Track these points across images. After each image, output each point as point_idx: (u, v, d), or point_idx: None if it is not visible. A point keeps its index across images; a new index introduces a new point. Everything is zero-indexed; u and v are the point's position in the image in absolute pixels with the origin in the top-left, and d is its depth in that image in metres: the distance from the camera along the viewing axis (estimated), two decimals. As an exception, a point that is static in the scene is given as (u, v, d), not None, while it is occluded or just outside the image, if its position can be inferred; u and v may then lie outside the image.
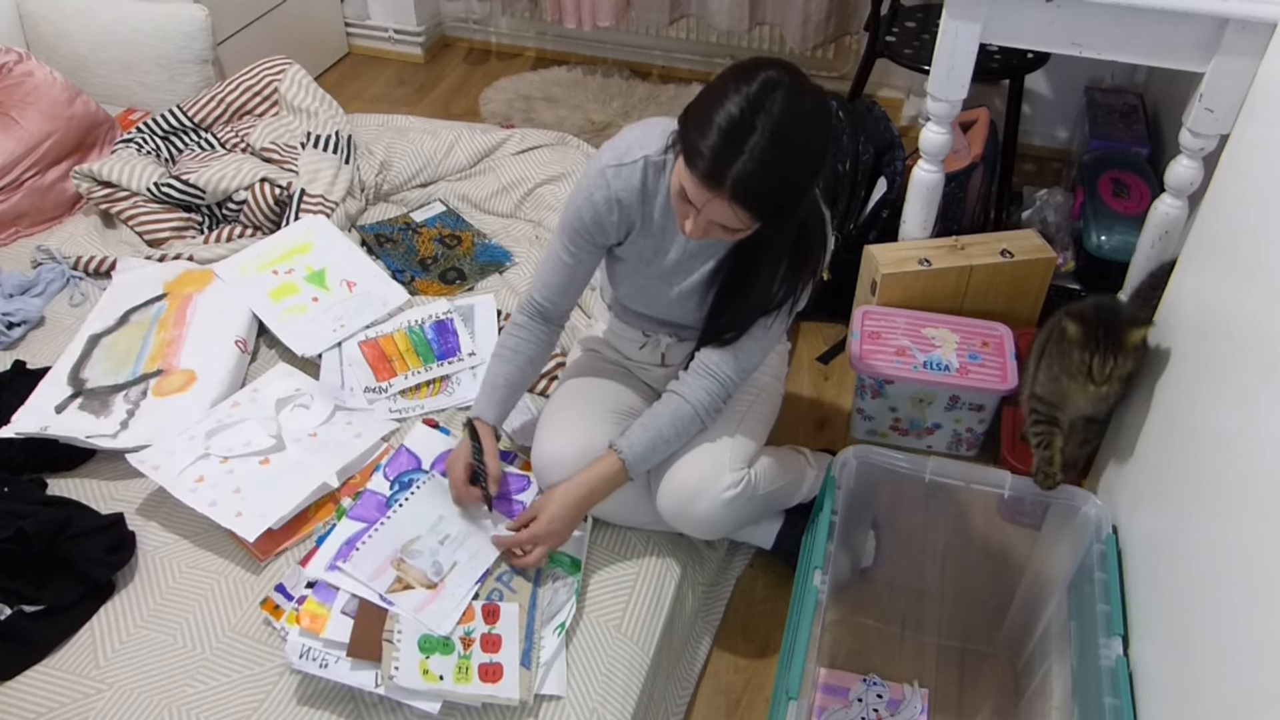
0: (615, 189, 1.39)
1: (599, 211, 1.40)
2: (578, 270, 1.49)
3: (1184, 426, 1.30)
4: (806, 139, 1.18)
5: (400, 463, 1.60)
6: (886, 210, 2.19)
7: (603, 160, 1.39)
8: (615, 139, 1.42)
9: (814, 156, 1.20)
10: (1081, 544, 1.47)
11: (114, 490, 1.62)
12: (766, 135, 1.14)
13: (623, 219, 1.42)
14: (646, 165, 1.38)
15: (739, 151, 1.14)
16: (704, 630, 1.69)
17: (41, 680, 1.37)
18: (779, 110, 1.14)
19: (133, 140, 2.29)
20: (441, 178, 2.36)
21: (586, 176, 1.41)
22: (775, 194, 1.18)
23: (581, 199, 1.41)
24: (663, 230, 1.43)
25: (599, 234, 1.43)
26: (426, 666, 1.32)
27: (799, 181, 1.20)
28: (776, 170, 1.16)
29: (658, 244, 1.44)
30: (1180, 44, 1.62)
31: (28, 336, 1.93)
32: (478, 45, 3.57)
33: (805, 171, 1.20)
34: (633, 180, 1.38)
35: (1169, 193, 1.82)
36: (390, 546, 1.44)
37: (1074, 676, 1.38)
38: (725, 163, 1.15)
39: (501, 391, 1.53)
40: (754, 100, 1.14)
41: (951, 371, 1.84)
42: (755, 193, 1.17)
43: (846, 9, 2.90)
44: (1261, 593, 0.96)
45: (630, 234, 1.44)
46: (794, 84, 1.16)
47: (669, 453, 1.47)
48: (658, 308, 1.54)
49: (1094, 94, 2.68)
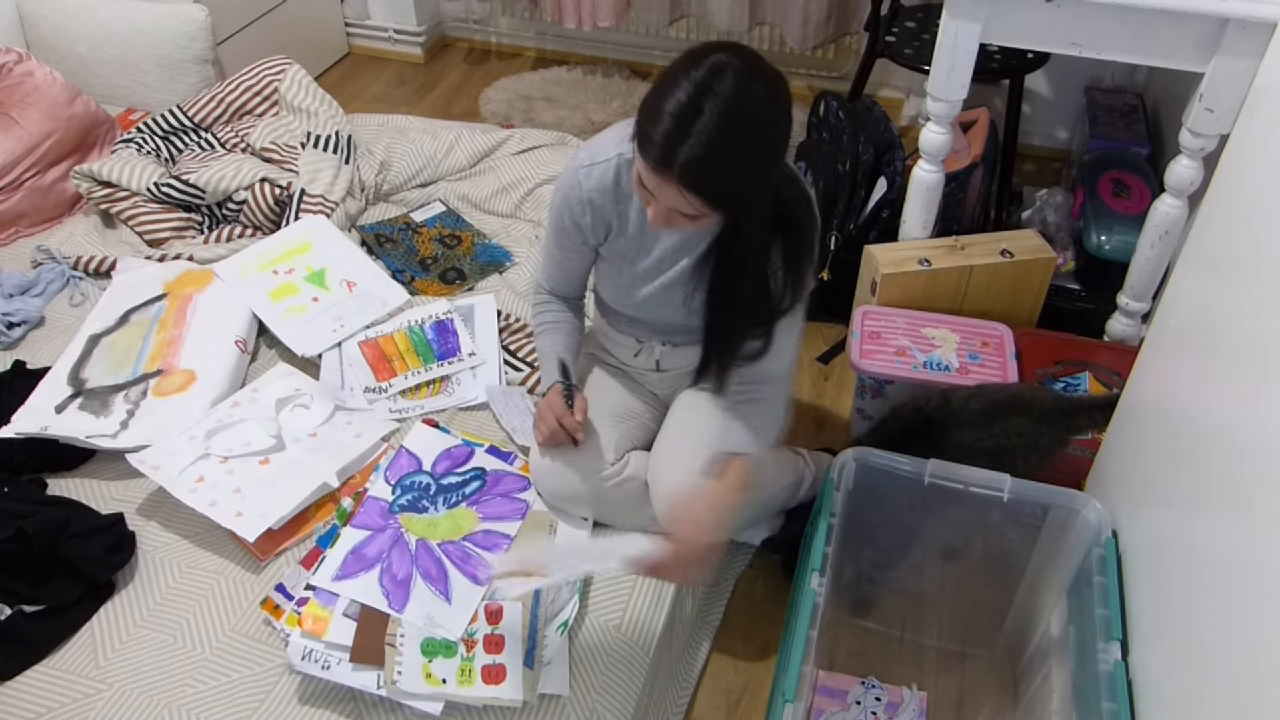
0: (587, 189, 1.38)
1: (574, 212, 1.40)
2: (570, 265, 1.50)
3: (1184, 429, 1.30)
4: (756, 123, 1.14)
5: (401, 465, 1.60)
6: (886, 210, 2.19)
7: (577, 160, 1.39)
8: (594, 138, 1.42)
9: (766, 140, 1.17)
10: (1081, 548, 1.46)
11: (114, 490, 1.62)
12: (714, 119, 1.10)
13: (598, 219, 1.41)
14: (620, 163, 1.36)
15: (685, 135, 1.11)
16: (704, 631, 1.69)
17: (41, 680, 1.37)
18: (727, 93, 1.11)
19: (133, 140, 2.29)
20: (441, 178, 2.36)
21: (563, 178, 1.41)
22: (724, 178, 1.15)
23: (559, 201, 1.41)
24: (641, 230, 1.41)
25: (579, 235, 1.44)
26: (429, 670, 1.32)
27: (750, 165, 1.16)
28: (725, 154, 1.13)
29: (639, 244, 1.43)
30: (1180, 44, 1.62)
31: (28, 336, 1.93)
32: (478, 45, 3.57)
33: (757, 155, 1.16)
34: (605, 179, 1.37)
35: (1169, 193, 1.82)
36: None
37: (1073, 681, 1.38)
38: (672, 147, 1.12)
39: (563, 355, 1.53)
40: (701, 84, 1.11)
41: (951, 371, 1.84)
42: (704, 177, 1.13)
43: (846, 9, 2.90)
44: (1262, 597, 0.96)
45: (609, 234, 1.44)
46: (744, 67, 1.13)
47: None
48: (645, 309, 1.52)
49: (1094, 94, 2.68)
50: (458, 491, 1.58)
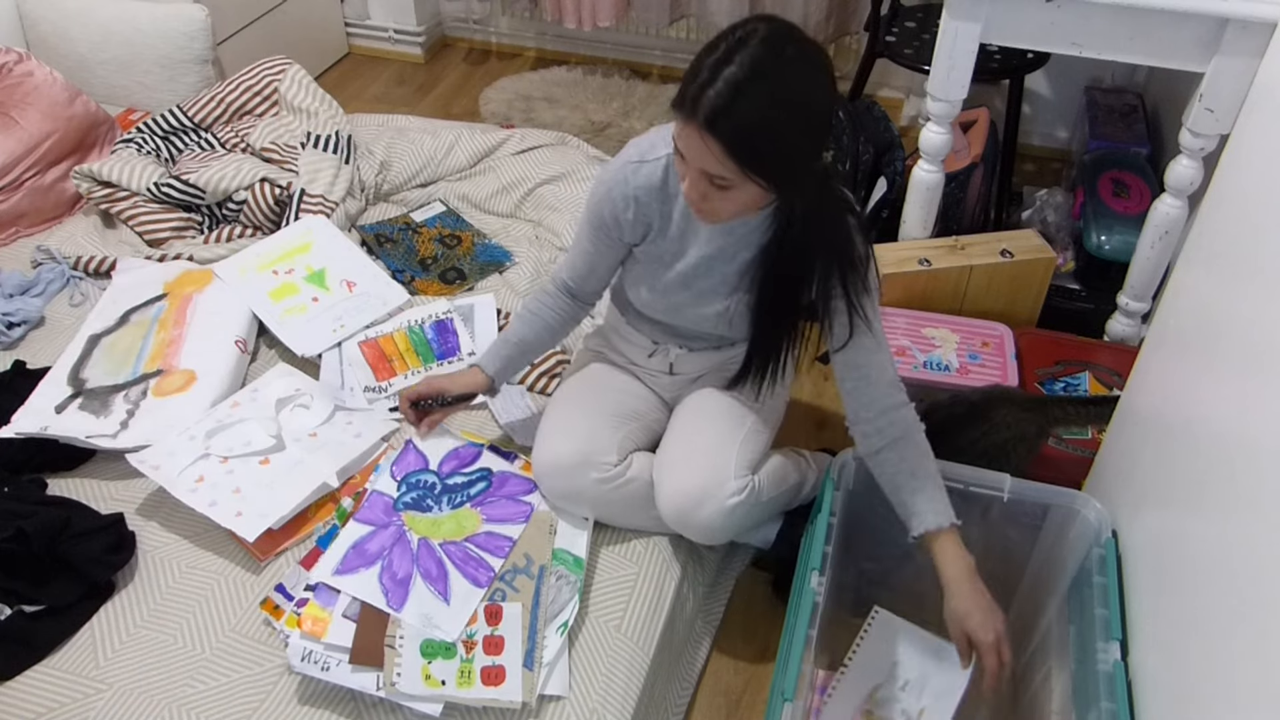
0: (634, 186, 1.38)
1: (616, 208, 1.40)
2: (598, 261, 1.50)
3: (1184, 429, 1.30)
4: (786, 79, 1.14)
5: (408, 462, 1.60)
6: (886, 210, 2.19)
7: (626, 155, 1.39)
8: (643, 136, 1.42)
9: (797, 99, 1.16)
10: (1081, 548, 1.46)
11: (114, 490, 1.62)
12: (743, 69, 1.12)
13: (639, 217, 1.40)
14: (668, 162, 1.36)
15: (713, 81, 1.13)
16: (704, 631, 1.69)
17: (41, 680, 1.37)
18: (758, 46, 1.13)
19: (133, 140, 2.29)
20: (441, 178, 2.36)
21: (609, 170, 1.41)
22: (747, 125, 1.13)
23: (602, 193, 1.41)
24: (682, 233, 1.41)
25: (616, 230, 1.43)
26: (429, 672, 1.32)
27: (776, 121, 1.15)
28: (749, 100, 1.12)
29: (677, 248, 1.42)
30: (1180, 44, 1.62)
31: (28, 336, 1.93)
32: (478, 45, 3.57)
33: (787, 114, 1.15)
34: (654, 177, 1.37)
35: (1169, 193, 1.82)
36: (856, 697, 1.45)
37: (1073, 681, 1.38)
38: (698, 92, 1.13)
39: (510, 348, 1.55)
40: (737, 40, 1.14)
41: (951, 371, 1.84)
42: (725, 121, 1.13)
43: (846, 9, 2.90)
44: (1262, 598, 0.96)
45: (648, 235, 1.43)
46: (782, 30, 1.14)
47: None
48: (673, 315, 1.51)
49: (1094, 94, 2.68)
50: (463, 492, 1.57)
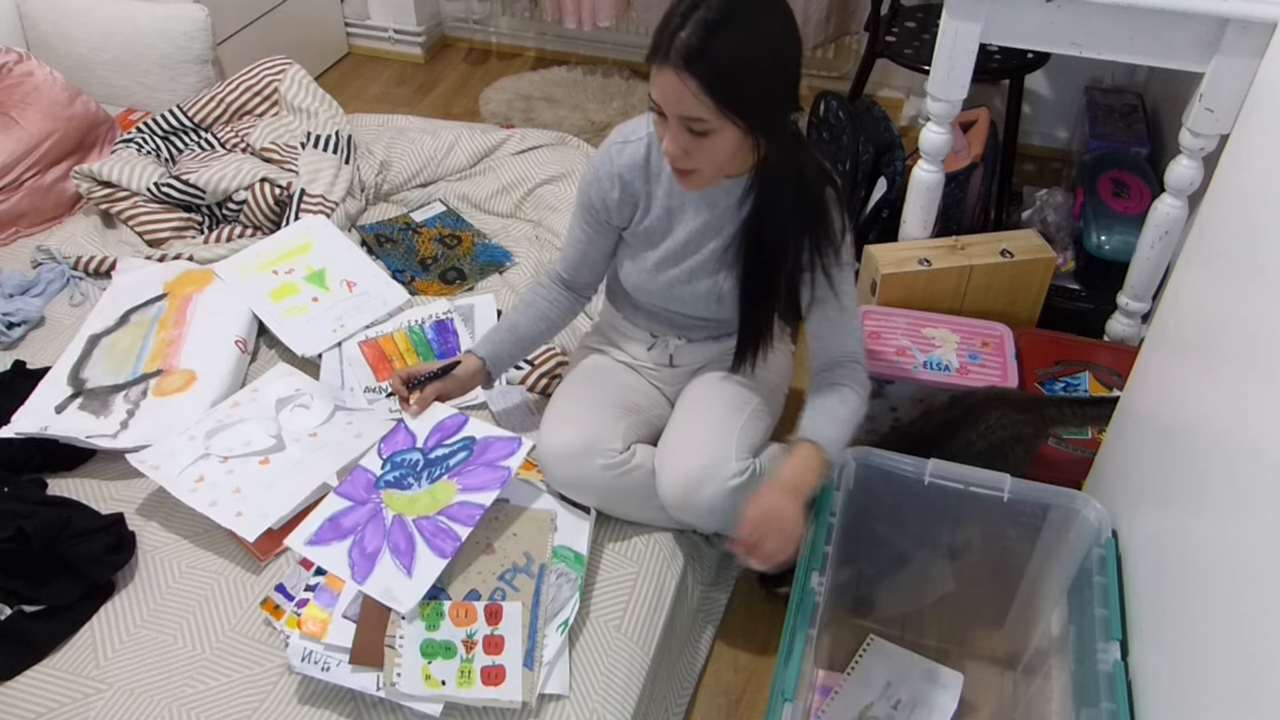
0: (619, 165, 1.43)
1: (603, 188, 1.45)
2: (590, 249, 1.54)
3: (1184, 429, 1.30)
4: (755, 19, 1.19)
5: (397, 440, 1.57)
6: (886, 210, 2.19)
7: (610, 139, 1.45)
8: (627, 121, 1.47)
9: (766, 39, 1.20)
10: (1081, 547, 1.46)
11: (114, 490, 1.62)
12: (713, 10, 1.17)
13: (625, 197, 1.45)
14: (651, 141, 1.41)
15: (685, 24, 1.18)
16: (704, 630, 1.69)
17: (41, 680, 1.37)
18: None
19: (133, 140, 2.29)
20: (441, 178, 2.36)
21: (595, 156, 1.47)
22: (722, 60, 1.18)
23: (590, 175, 1.47)
24: (668, 211, 1.45)
25: (604, 213, 1.48)
26: (429, 672, 1.32)
27: (750, 56, 1.19)
28: (721, 38, 1.17)
29: (664, 226, 1.46)
30: (1180, 44, 1.62)
31: (28, 336, 1.93)
32: (478, 45, 3.57)
33: (759, 46, 1.20)
34: (637, 155, 1.43)
35: (1169, 193, 1.82)
36: (848, 716, 1.49)
37: (1073, 681, 1.38)
38: (671, 36, 1.19)
39: (503, 335, 1.58)
40: None
41: (951, 371, 1.84)
42: (699, 56, 1.17)
43: (846, 9, 2.90)
44: (1262, 598, 0.96)
45: (634, 215, 1.47)
46: None
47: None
48: (667, 297, 1.53)
49: (1094, 94, 2.68)
50: (443, 464, 1.54)
